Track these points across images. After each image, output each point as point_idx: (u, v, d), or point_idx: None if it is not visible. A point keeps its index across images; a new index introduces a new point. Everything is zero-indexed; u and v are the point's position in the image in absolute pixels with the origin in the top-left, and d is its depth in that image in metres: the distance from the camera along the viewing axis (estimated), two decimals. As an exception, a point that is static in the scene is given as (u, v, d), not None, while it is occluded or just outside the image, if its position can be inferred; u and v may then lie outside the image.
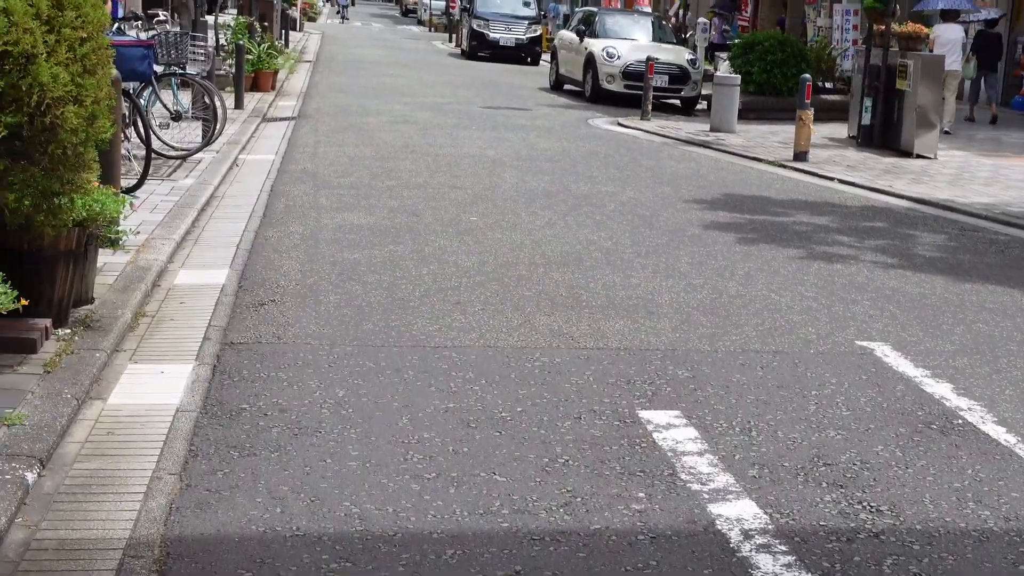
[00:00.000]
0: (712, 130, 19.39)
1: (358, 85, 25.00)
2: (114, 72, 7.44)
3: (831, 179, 14.80)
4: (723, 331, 7.35)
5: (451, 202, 11.47)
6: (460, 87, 26.16)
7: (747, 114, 21.18)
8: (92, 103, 5.76)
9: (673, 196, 12.63)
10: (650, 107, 20.90)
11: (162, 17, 13.84)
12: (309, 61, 31.28)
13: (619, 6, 41.54)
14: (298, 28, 43.01)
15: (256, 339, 6.71)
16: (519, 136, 17.37)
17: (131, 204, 7.32)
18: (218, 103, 13.57)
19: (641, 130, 19.45)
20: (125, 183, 10.46)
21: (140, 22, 13.52)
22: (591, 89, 24.78)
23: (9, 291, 4.81)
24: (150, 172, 11.33)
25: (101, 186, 6.76)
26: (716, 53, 29.25)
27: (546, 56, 38.31)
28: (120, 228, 6.79)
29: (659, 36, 26.47)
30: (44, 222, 5.92)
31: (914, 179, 15.07)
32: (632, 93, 24.20)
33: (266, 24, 26.44)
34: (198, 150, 13.16)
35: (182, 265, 8.38)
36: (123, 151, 11.03)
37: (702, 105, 24.52)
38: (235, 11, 36.77)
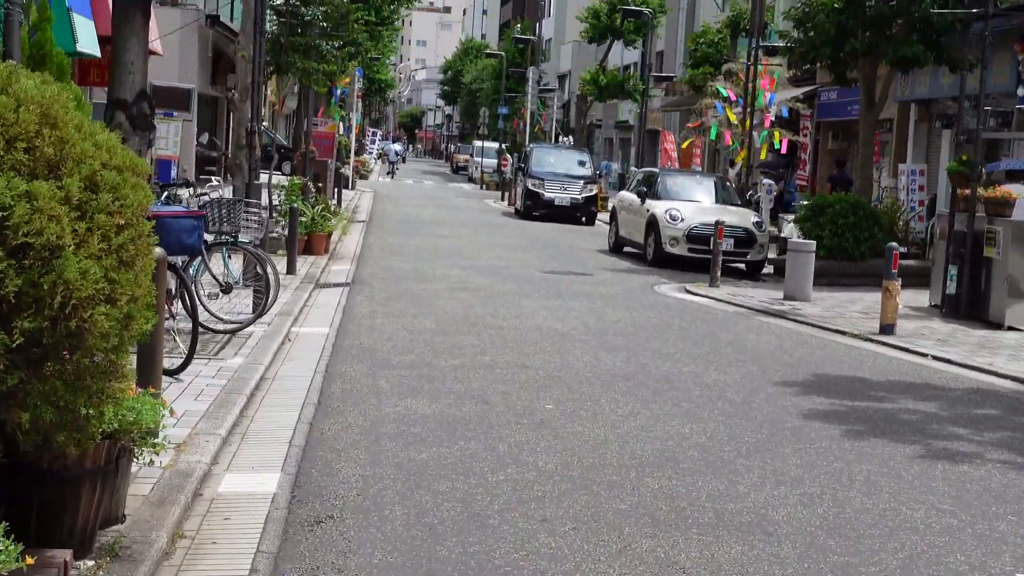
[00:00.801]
0: (786, 298, 18.42)
1: (412, 247, 24.31)
2: (158, 251, 6.62)
3: (924, 355, 13.75)
4: (858, 560, 6.25)
5: (521, 385, 10.49)
6: (517, 249, 25.43)
7: (819, 279, 20.20)
8: (128, 302, 4.84)
9: (760, 377, 11.60)
10: (719, 273, 19.98)
11: (215, 182, 13.11)
12: (362, 221, 30.76)
13: (676, 165, 41.09)
14: (351, 186, 42.75)
15: (312, 571, 5.68)
16: (584, 305, 16.46)
17: (171, 411, 6.38)
18: (271, 273, 12.77)
19: (711, 298, 18.51)
20: (169, 362, 9.61)
21: (191, 188, 12.78)
22: (654, 252, 23.94)
23: (11, 546, 3.84)
24: (197, 349, 10.50)
25: (138, 390, 5.83)
26: (780, 215, 28.49)
27: (602, 215, 37.74)
28: (157, 441, 5.83)
29: (722, 197, 25.69)
30: (66, 440, 4.98)
31: (1012, 355, 14.00)
32: (697, 257, 23.35)
33: (320, 185, 25.92)
34: (249, 323, 12.31)
35: (228, 468, 7.39)
36: (168, 327, 10.20)
37: (768, 268, 23.65)
38: (288, 170, 36.50)
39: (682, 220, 23.57)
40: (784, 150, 31.65)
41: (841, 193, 23.12)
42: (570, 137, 53.29)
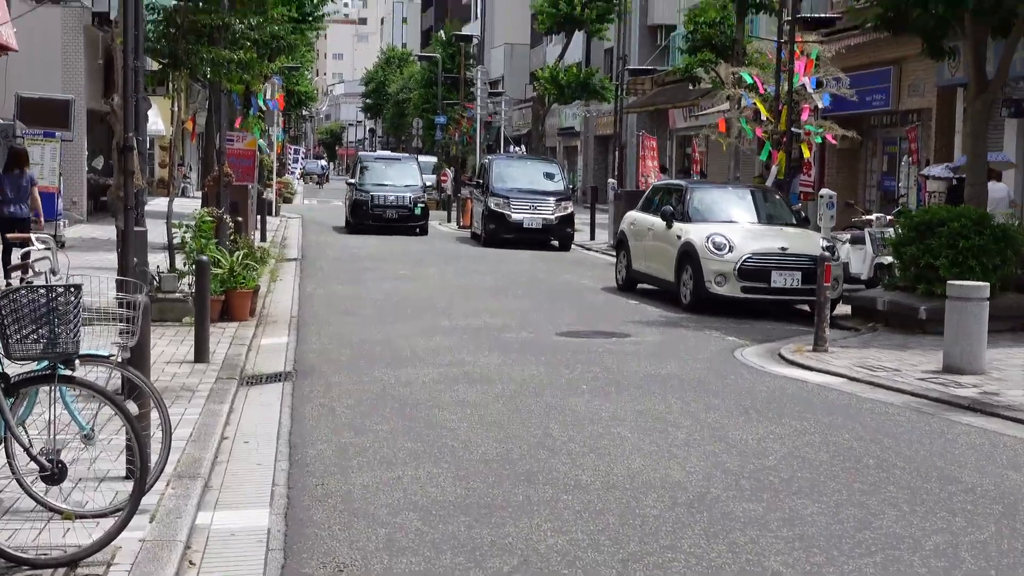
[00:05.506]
0: (947, 369, 12.28)
1: (369, 299, 17.98)
2: None
3: None
4: None
5: None
6: (503, 293, 19.14)
7: (933, 326, 14.38)
8: None
9: None
10: (826, 331, 13.81)
11: (36, 245, 6.63)
12: (294, 259, 24.32)
13: (653, 176, 34.78)
14: (275, 212, 36.19)
15: None
16: (676, 406, 10.23)
17: None
18: (156, 419, 6.52)
19: (838, 375, 12.28)
20: None
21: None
22: (692, 294, 17.72)
23: None
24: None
25: None
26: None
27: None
28: None
29: (769, 213, 19.49)
30: None
31: None
32: (752, 298, 17.29)
33: (239, 219, 19.39)
34: (108, 540, 5.96)
35: None
36: None
37: (843, 308, 17.62)
38: (198, 198, 29.85)
39: (730, 249, 17.41)
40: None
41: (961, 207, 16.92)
42: (522, 147, 46.95)
